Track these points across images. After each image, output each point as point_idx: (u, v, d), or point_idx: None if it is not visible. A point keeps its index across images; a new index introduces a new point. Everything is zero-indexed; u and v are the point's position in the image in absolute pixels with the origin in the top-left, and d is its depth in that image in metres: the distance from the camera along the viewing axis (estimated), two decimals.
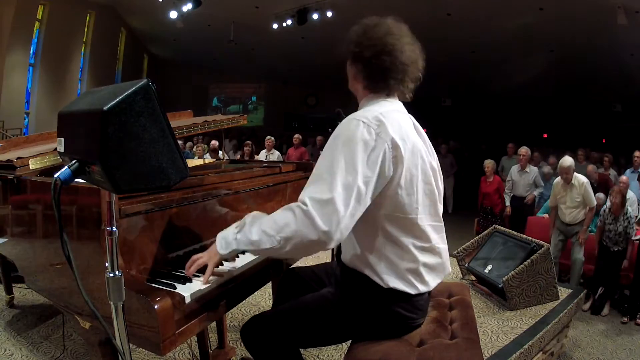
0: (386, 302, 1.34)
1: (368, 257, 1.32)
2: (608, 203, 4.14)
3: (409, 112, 1.44)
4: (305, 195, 1.18)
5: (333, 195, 1.14)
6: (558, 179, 4.49)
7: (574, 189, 4.27)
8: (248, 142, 7.85)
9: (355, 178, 1.17)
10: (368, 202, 1.22)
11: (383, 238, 1.30)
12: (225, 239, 1.31)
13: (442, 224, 1.42)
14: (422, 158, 1.32)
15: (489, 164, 5.80)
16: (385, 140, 1.22)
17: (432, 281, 1.39)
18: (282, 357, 1.43)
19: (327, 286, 1.55)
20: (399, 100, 1.41)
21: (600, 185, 5.38)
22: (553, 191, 4.48)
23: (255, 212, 1.34)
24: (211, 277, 1.35)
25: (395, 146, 1.23)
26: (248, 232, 1.25)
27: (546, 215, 5.00)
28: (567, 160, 4.31)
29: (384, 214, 1.28)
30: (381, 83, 1.34)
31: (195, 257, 1.37)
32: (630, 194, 4.32)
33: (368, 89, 1.38)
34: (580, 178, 4.32)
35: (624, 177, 4.59)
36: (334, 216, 1.13)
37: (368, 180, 1.20)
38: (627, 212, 3.94)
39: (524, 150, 5.65)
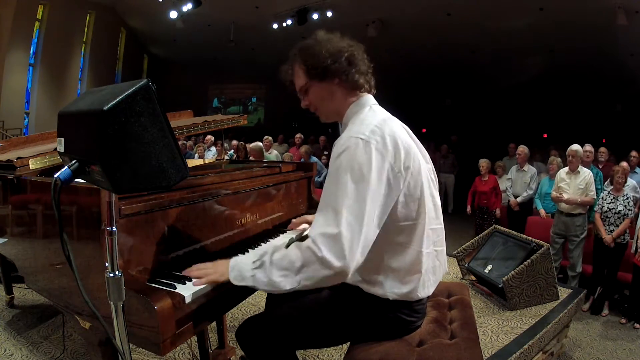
0: (387, 309, 1.34)
1: (372, 276, 1.31)
2: (605, 192, 4.20)
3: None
4: (316, 231, 1.15)
5: (340, 230, 1.12)
6: (561, 170, 4.57)
7: (579, 177, 4.35)
8: (240, 143, 7.78)
9: (363, 207, 1.14)
10: (384, 218, 1.21)
11: (386, 252, 1.29)
12: (241, 272, 1.26)
13: (442, 225, 1.43)
14: (419, 162, 1.31)
15: (484, 162, 5.82)
16: (388, 153, 1.20)
17: (433, 286, 1.40)
18: (278, 359, 1.43)
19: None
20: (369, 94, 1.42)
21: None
22: (555, 181, 4.55)
23: (271, 246, 1.27)
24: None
25: (398, 156, 1.22)
26: (269, 272, 1.20)
27: (542, 211, 5.02)
28: (578, 147, 4.42)
29: (389, 224, 1.26)
30: (361, 80, 1.35)
31: (201, 267, 1.35)
32: (630, 181, 4.45)
33: (351, 93, 1.36)
34: (586, 169, 4.44)
35: (624, 163, 4.68)
36: (345, 250, 1.11)
37: (378, 199, 1.18)
38: (626, 193, 4.05)
39: (521, 148, 5.69)
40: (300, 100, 1.42)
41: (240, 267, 1.28)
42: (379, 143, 1.20)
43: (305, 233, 1.82)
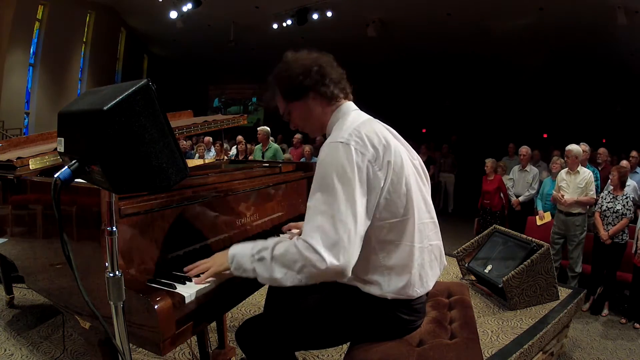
0: (386, 309, 1.34)
1: (366, 276, 1.31)
2: (605, 192, 4.21)
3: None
4: (311, 232, 1.18)
5: (339, 236, 1.16)
6: (562, 170, 4.59)
7: (578, 177, 4.37)
8: (241, 139, 7.82)
9: (353, 207, 1.19)
10: (372, 213, 1.25)
11: (378, 251, 1.30)
12: (241, 264, 1.29)
13: (435, 219, 1.43)
14: (404, 159, 1.32)
15: (489, 162, 5.83)
16: (367, 151, 1.23)
17: (431, 281, 1.40)
18: None
19: (322, 287, 1.55)
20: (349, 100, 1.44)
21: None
22: (556, 181, 4.57)
23: (272, 241, 1.28)
24: (209, 279, 1.35)
25: (377, 156, 1.25)
26: (270, 268, 1.23)
27: (541, 212, 5.01)
28: (574, 147, 4.43)
29: (378, 223, 1.27)
30: (336, 89, 1.38)
31: (199, 264, 1.38)
32: (631, 182, 4.46)
33: (329, 104, 1.39)
34: (586, 170, 4.44)
35: (624, 162, 4.66)
36: (346, 253, 1.17)
37: (365, 200, 1.22)
38: (625, 193, 4.06)
39: (524, 149, 5.74)
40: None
41: (239, 260, 1.29)
42: (358, 143, 1.24)
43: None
